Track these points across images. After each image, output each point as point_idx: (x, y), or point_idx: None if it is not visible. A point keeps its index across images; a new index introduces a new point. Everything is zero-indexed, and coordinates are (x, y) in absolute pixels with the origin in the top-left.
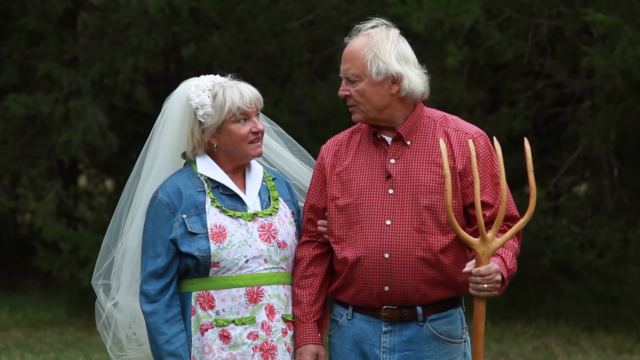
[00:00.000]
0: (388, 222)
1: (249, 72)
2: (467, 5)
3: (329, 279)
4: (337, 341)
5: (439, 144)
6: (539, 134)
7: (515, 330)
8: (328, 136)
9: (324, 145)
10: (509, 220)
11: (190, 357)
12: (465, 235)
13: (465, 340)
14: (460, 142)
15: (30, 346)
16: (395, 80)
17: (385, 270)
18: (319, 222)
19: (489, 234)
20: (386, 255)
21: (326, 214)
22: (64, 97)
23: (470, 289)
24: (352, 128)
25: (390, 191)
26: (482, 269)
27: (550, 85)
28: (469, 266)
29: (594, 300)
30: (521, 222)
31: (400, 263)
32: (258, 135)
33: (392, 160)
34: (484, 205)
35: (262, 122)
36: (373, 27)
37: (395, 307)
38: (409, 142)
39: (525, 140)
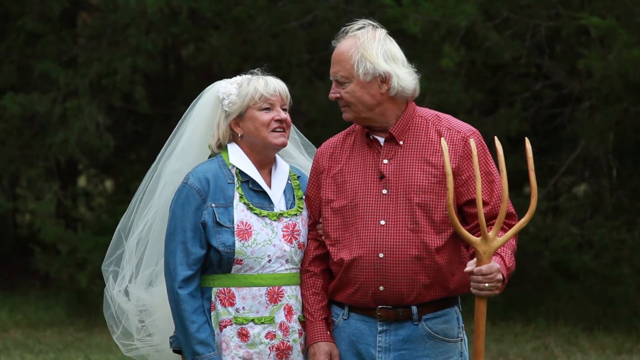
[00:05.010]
0: (382, 222)
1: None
2: (463, 7)
3: (330, 278)
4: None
5: (431, 143)
6: (537, 134)
7: (514, 330)
8: (326, 137)
9: (319, 149)
10: (506, 217)
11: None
12: (466, 234)
13: (461, 340)
14: (452, 140)
15: (29, 346)
16: (384, 79)
17: (380, 270)
18: (318, 226)
19: (490, 233)
20: (381, 255)
21: (321, 219)
22: (61, 97)
23: (471, 288)
24: (346, 130)
25: (384, 191)
26: (484, 268)
27: (549, 86)
28: (470, 265)
29: (593, 301)
30: (522, 222)
31: (394, 263)
32: (282, 124)
33: (385, 161)
34: (482, 201)
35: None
36: (360, 28)
37: (390, 307)
38: (401, 142)
39: (527, 140)
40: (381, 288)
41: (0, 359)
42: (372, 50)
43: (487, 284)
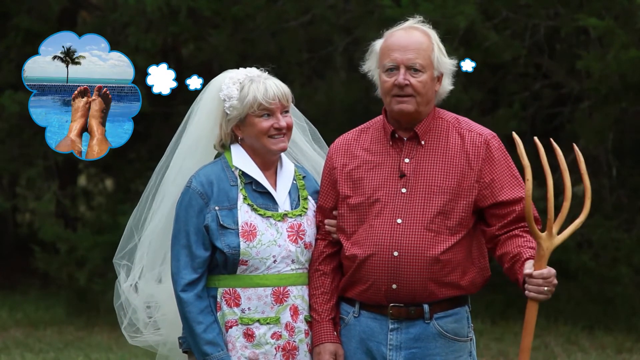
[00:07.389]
0: (399, 221)
1: None
2: (462, 8)
3: (339, 277)
4: (344, 339)
5: (452, 145)
6: (537, 134)
7: (515, 329)
8: (325, 136)
9: (332, 145)
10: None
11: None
12: (535, 229)
13: (471, 339)
14: (475, 143)
15: (29, 345)
16: (439, 78)
17: (394, 268)
18: (326, 221)
19: (554, 229)
20: (395, 253)
21: (335, 212)
22: None
23: (528, 291)
24: (360, 127)
25: (403, 190)
26: (545, 271)
27: (548, 86)
28: (529, 268)
29: (592, 300)
30: (580, 220)
31: (408, 261)
32: (281, 131)
33: (407, 160)
34: (509, 203)
35: (292, 119)
36: (420, 23)
37: (402, 305)
38: (423, 142)
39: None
40: (394, 286)
41: (1, 358)
42: (442, 47)
43: (546, 288)
